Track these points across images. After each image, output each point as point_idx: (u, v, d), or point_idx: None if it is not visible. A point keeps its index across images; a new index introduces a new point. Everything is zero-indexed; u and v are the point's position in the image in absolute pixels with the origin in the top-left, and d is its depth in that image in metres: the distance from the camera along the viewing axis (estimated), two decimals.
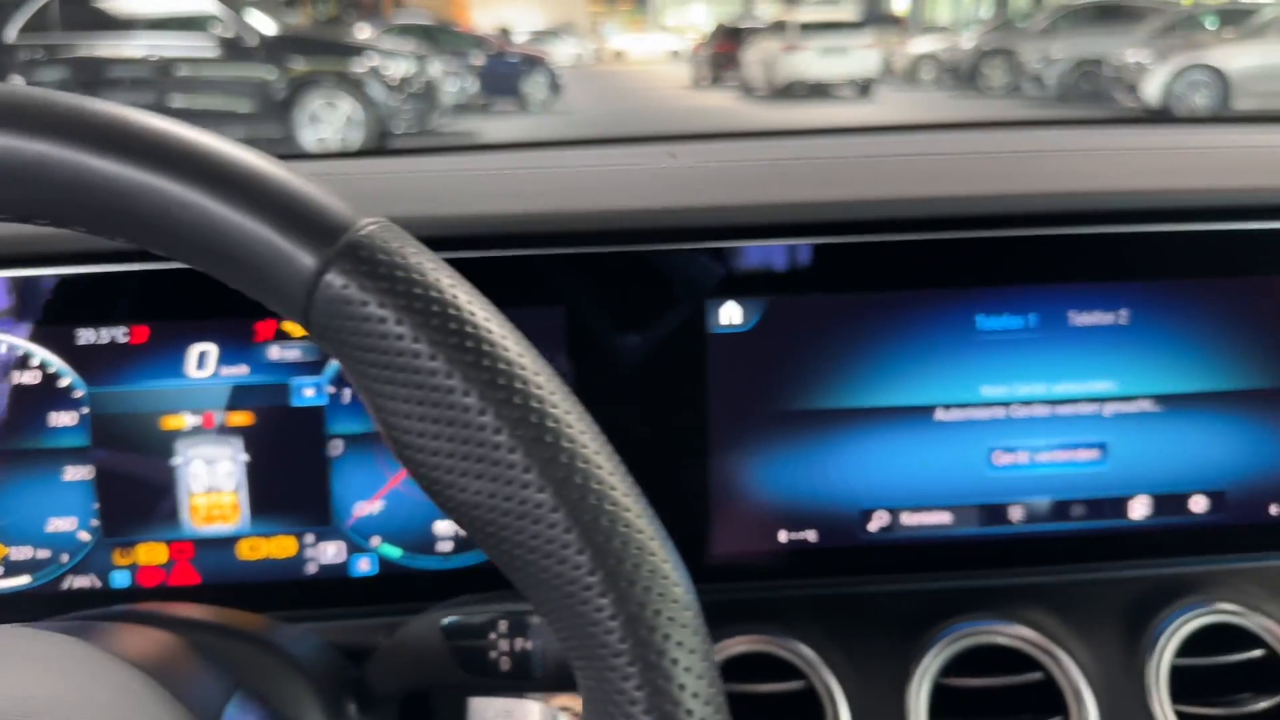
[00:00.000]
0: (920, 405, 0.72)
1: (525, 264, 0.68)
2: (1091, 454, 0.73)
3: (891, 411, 0.72)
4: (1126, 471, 0.73)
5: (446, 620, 0.54)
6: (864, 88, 15.79)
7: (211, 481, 0.70)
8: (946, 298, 0.71)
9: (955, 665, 0.69)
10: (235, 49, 9.12)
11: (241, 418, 0.70)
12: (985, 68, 15.17)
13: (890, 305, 0.71)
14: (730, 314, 0.70)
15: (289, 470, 0.71)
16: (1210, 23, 12.98)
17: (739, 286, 0.70)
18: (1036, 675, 0.69)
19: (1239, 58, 10.49)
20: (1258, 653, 0.71)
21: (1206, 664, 0.71)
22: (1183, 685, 0.70)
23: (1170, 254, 0.71)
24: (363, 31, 13.34)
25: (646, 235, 0.68)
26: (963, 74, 15.60)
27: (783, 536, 0.73)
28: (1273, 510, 0.75)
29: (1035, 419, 0.72)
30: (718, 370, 0.70)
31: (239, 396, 0.70)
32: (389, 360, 0.36)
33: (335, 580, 0.72)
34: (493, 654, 0.53)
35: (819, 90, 15.74)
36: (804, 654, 0.69)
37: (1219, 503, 0.74)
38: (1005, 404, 0.72)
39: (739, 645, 0.70)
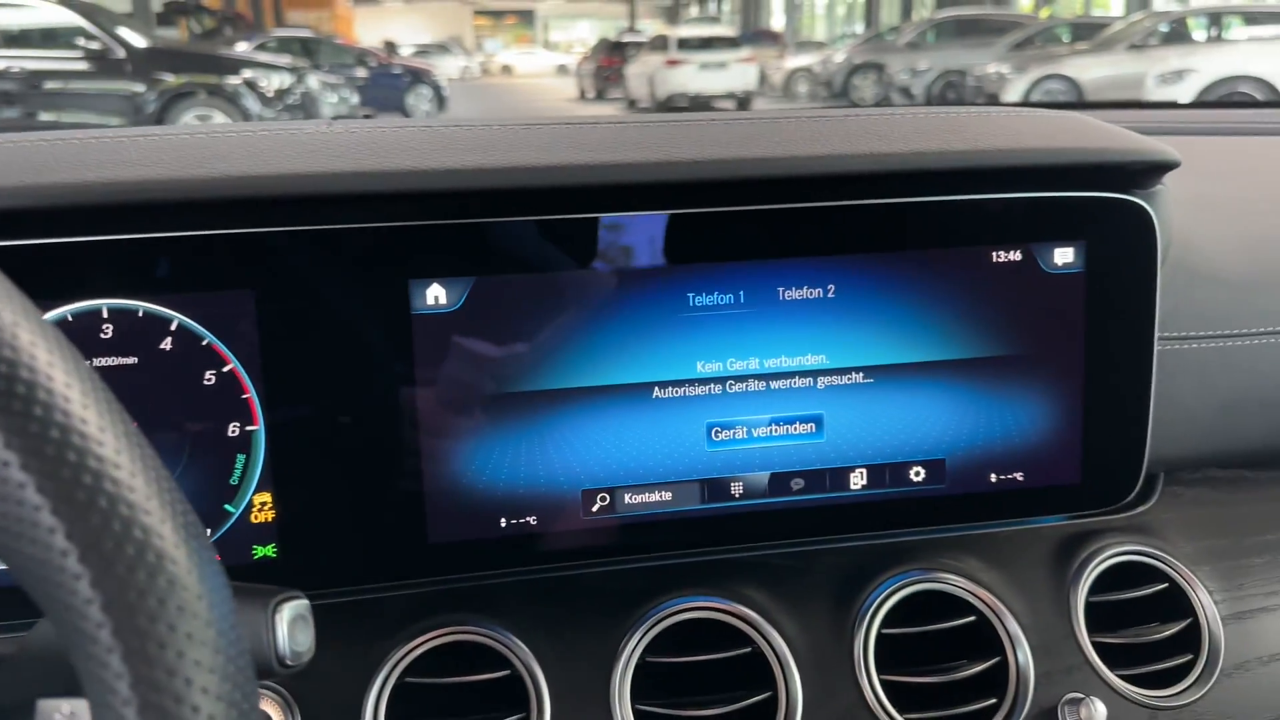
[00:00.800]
0: (637, 383, 0.71)
1: (196, 245, 0.65)
2: (808, 427, 0.73)
3: (608, 390, 0.71)
4: (843, 444, 0.74)
5: None
6: (742, 101, 16.08)
7: None
8: (657, 275, 0.70)
9: (664, 644, 0.68)
10: (103, 62, 8.82)
11: None
12: (856, 80, 15.56)
13: (601, 283, 0.70)
14: (435, 294, 0.68)
15: None
16: (1065, 36, 13.59)
17: (442, 266, 0.68)
18: (745, 649, 0.69)
19: (1091, 68, 11.01)
20: (969, 619, 0.72)
21: (918, 632, 0.71)
22: (895, 655, 0.71)
23: (872, 227, 0.71)
24: (239, 45, 13.02)
25: (300, 204, 0.65)
26: (835, 87, 15.97)
27: (502, 522, 0.71)
28: (991, 479, 0.76)
29: (751, 394, 0.72)
30: (424, 353, 0.68)
31: None
32: None
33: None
34: None
35: (699, 103, 15.96)
36: (509, 642, 0.68)
37: (937, 473, 0.75)
38: (721, 380, 0.72)
39: (445, 636, 0.68)
